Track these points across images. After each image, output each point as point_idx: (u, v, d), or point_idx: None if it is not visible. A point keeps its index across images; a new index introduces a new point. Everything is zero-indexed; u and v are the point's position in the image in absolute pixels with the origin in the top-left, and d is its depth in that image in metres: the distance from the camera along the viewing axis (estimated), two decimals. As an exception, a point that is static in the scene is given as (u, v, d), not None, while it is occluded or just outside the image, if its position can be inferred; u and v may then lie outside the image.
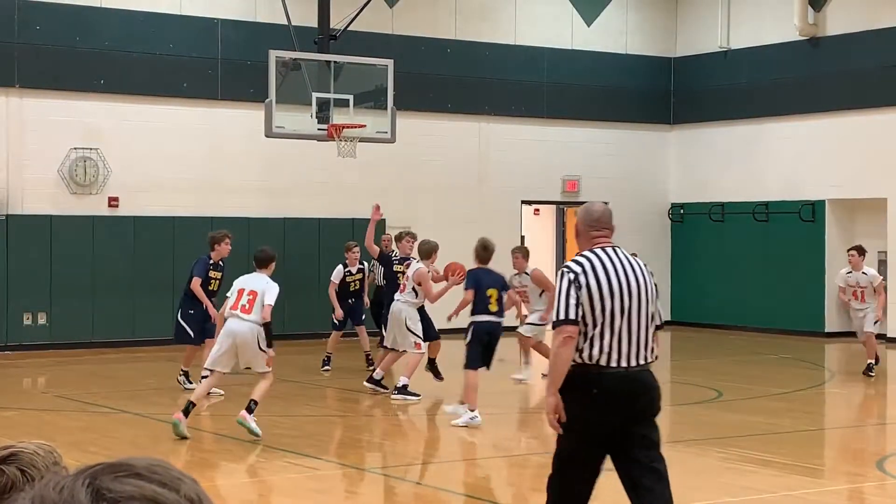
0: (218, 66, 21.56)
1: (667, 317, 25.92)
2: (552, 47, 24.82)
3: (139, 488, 1.14)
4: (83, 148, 20.53)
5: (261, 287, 12.28)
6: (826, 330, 23.40)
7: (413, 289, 15.12)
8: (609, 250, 6.85)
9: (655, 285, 6.90)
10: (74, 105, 20.45)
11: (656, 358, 6.80)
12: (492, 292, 13.21)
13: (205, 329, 15.12)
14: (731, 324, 24.65)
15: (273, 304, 12.20)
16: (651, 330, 6.70)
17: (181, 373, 15.74)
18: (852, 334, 23.35)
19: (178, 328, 15.55)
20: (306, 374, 17.55)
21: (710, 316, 25.24)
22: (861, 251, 18.12)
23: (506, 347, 15.06)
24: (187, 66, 21.34)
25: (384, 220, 22.41)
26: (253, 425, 11.91)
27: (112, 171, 20.71)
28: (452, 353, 15.62)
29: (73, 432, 12.47)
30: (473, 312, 13.21)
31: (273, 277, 12.50)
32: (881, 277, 18.31)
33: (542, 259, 26.48)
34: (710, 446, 12.08)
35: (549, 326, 9.93)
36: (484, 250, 13.41)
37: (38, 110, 20.22)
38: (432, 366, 16.06)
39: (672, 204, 26.34)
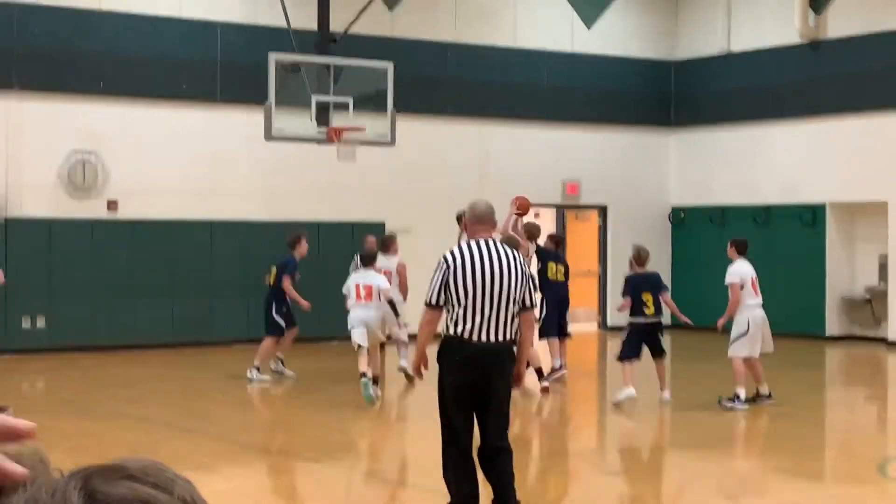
0: (217, 69, 21.55)
1: (667, 320, 25.90)
2: (552, 50, 24.81)
3: (132, 490, 1.12)
4: (82, 151, 20.51)
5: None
6: (827, 333, 23.38)
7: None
8: (482, 242, 8.11)
9: (526, 273, 8.17)
10: (73, 108, 20.44)
11: (517, 335, 8.09)
12: (647, 297, 14.81)
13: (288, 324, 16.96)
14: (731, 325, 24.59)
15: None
16: (513, 311, 8.00)
17: (255, 366, 16.81)
18: (853, 338, 23.40)
19: (272, 323, 16.89)
20: (309, 378, 17.53)
21: (711, 319, 24.96)
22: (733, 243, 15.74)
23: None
24: (187, 69, 21.32)
25: (383, 223, 22.45)
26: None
27: (111, 174, 20.69)
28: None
29: (71, 436, 12.44)
30: (631, 314, 14.95)
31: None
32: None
33: (543, 262, 26.49)
34: (710, 450, 12.06)
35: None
36: (639, 256, 15.33)
37: (37, 113, 20.20)
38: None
39: (673, 207, 26.33)
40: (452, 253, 8.12)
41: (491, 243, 8.13)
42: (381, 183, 22.56)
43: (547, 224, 26.82)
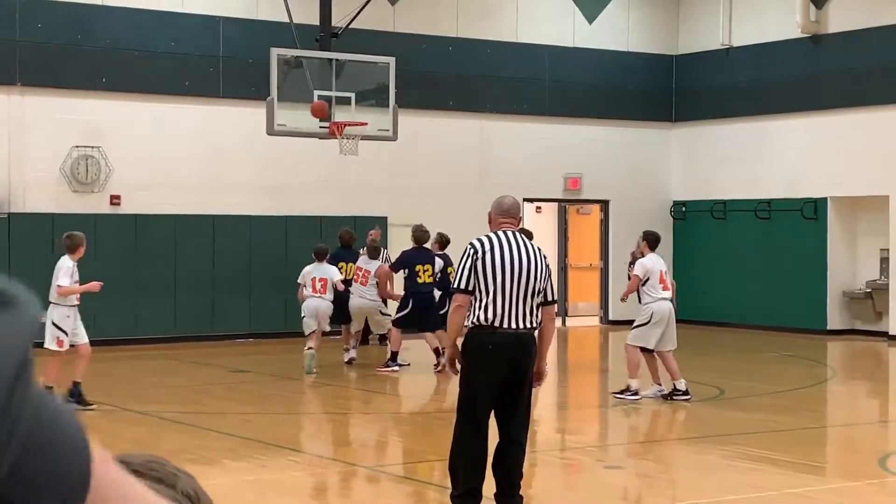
0: (220, 64, 21.57)
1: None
2: (554, 45, 24.81)
3: None
4: (85, 146, 20.53)
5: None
6: (828, 327, 23.39)
7: (376, 284, 17.57)
8: (509, 233, 8.26)
9: (548, 267, 8.31)
10: (76, 103, 20.45)
11: (540, 324, 8.20)
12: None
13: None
14: (733, 321, 24.64)
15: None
16: (536, 301, 8.13)
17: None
18: (855, 332, 23.42)
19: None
20: (315, 373, 17.55)
21: (712, 313, 25.23)
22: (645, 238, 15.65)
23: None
24: (189, 64, 21.34)
25: (385, 217, 22.47)
26: None
27: (114, 169, 20.71)
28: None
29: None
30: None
31: (276, 276, 12.51)
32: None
33: (544, 257, 26.49)
34: (711, 444, 12.08)
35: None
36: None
37: (39, 108, 20.22)
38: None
39: (674, 202, 26.33)
40: (480, 240, 8.18)
41: (517, 235, 8.26)
42: (382, 177, 22.58)
43: (548, 218, 26.84)
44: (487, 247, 8.11)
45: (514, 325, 8.03)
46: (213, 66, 21.51)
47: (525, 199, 24.86)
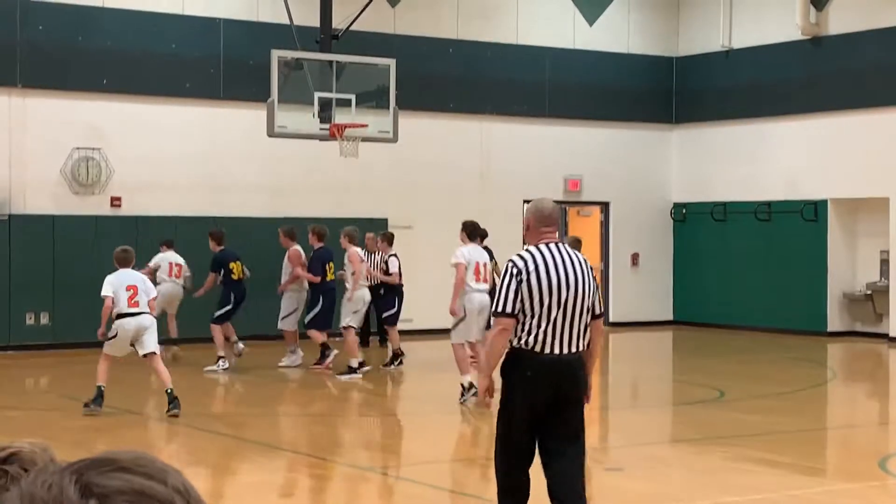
0: (220, 66, 21.57)
1: (669, 316, 25.95)
2: (554, 47, 24.81)
3: (127, 482, 1.14)
4: (85, 147, 20.54)
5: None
6: (828, 329, 23.38)
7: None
8: (552, 246, 7.40)
9: (594, 278, 7.49)
10: (77, 104, 20.46)
11: (588, 345, 7.41)
12: None
13: None
14: (733, 323, 24.63)
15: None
16: (585, 321, 7.35)
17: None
18: (855, 333, 23.41)
19: None
20: (316, 374, 17.56)
21: (712, 315, 25.23)
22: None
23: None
24: (189, 66, 21.35)
25: (385, 218, 22.47)
26: None
27: (114, 170, 20.72)
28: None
29: (75, 432, 12.48)
30: None
31: (276, 278, 12.49)
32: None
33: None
34: (712, 446, 12.08)
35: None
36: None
37: (40, 110, 20.23)
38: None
39: (674, 203, 26.33)
40: (522, 257, 7.34)
41: (561, 248, 7.42)
42: (383, 179, 22.59)
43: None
44: (531, 266, 7.27)
45: (556, 350, 7.26)
46: (214, 68, 21.52)
47: (525, 201, 24.86)
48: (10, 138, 20.01)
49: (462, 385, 14.23)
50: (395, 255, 18.86)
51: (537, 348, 7.24)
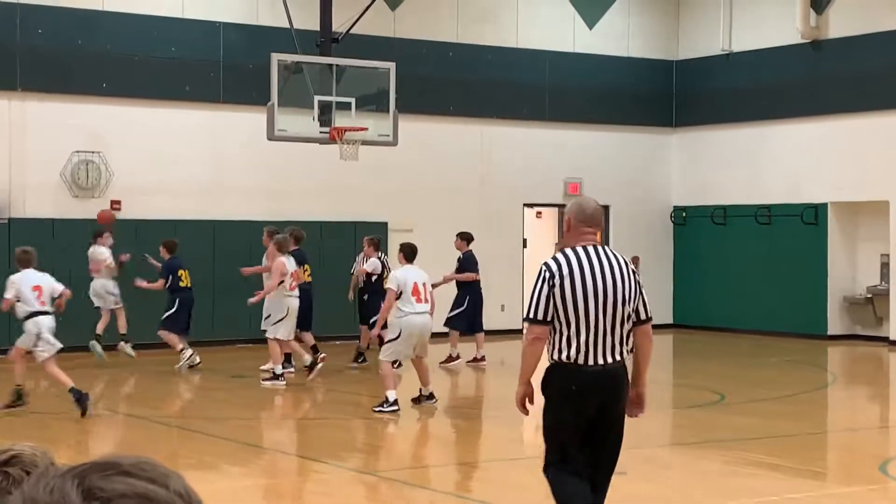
0: (220, 70, 21.57)
1: (669, 319, 25.93)
2: (554, 50, 24.81)
3: (130, 486, 1.14)
4: (85, 151, 20.54)
5: None
6: (828, 332, 23.38)
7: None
8: (590, 249, 6.91)
9: (639, 282, 7.00)
10: (77, 108, 20.46)
11: (631, 351, 7.01)
12: None
13: None
14: (734, 326, 24.62)
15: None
16: (627, 328, 6.89)
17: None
18: (855, 337, 23.40)
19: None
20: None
21: (713, 319, 25.23)
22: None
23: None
24: (189, 70, 21.35)
25: (385, 222, 22.47)
26: None
27: (114, 174, 20.72)
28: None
29: (74, 435, 12.47)
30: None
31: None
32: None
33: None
34: (712, 449, 12.07)
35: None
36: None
37: (40, 113, 20.23)
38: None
39: (674, 207, 26.33)
40: (557, 260, 6.87)
41: (600, 250, 6.94)
42: (383, 183, 22.58)
43: (549, 223, 26.83)
44: (566, 270, 6.79)
45: (600, 361, 6.81)
46: (214, 72, 21.52)
47: (525, 205, 24.87)
48: (10, 142, 20.01)
49: (386, 398, 13.89)
50: (378, 258, 18.73)
51: (580, 360, 6.79)
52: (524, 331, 6.98)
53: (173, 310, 18.54)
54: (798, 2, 23.35)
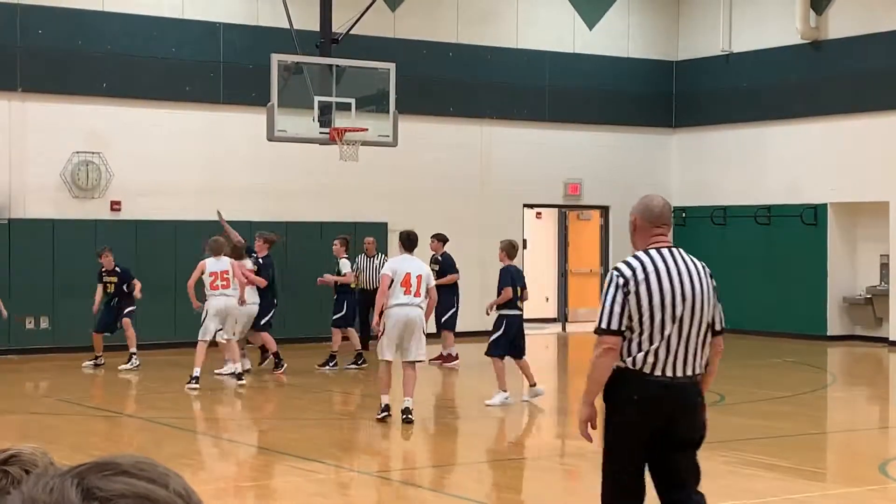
0: (220, 70, 21.58)
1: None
2: (554, 51, 24.82)
3: (130, 486, 1.14)
4: (85, 152, 20.55)
5: None
6: (828, 333, 23.38)
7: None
8: (665, 252, 6.38)
9: (715, 289, 6.50)
10: (77, 109, 20.46)
11: (707, 367, 6.46)
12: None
13: None
14: (733, 327, 24.47)
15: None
16: (704, 338, 6.34)
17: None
18: (855, 337, 23.40)
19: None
20: (308, 377, 17.55)
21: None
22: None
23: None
24: (189, 70, 21.35)
25: (385, 222, 22.47)
26: None
27: (114, 174, 20.72)
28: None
29: (75, 436, 12.47)
30: (506, 307, 14.94)
31: (277, 280, 12.48)
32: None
33: (543, 262, 26.49)
34: (712, 450, 12.04)
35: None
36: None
37: (40, 114, 20.23)
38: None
39: (674, 207, 26.32)
40: (630, 265, 6.30)
41: (675, 253, 6.44)
42: (383, 183, 22.58)
43: (548, 224, 26.85)
44: (641, 275, 6.25)
45: (670, 373, 6.26)
46: (214, 72, 21.52)
47: (525, 205, 24.88)
48: (10, 142, 20.01)
49: (380, 404, 13.41)
50: (347, 258, 18.75)
51: (646, 369, 6.22)
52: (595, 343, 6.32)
53: (132, 307, 18.65)
54: (798, 2, 23.36)
